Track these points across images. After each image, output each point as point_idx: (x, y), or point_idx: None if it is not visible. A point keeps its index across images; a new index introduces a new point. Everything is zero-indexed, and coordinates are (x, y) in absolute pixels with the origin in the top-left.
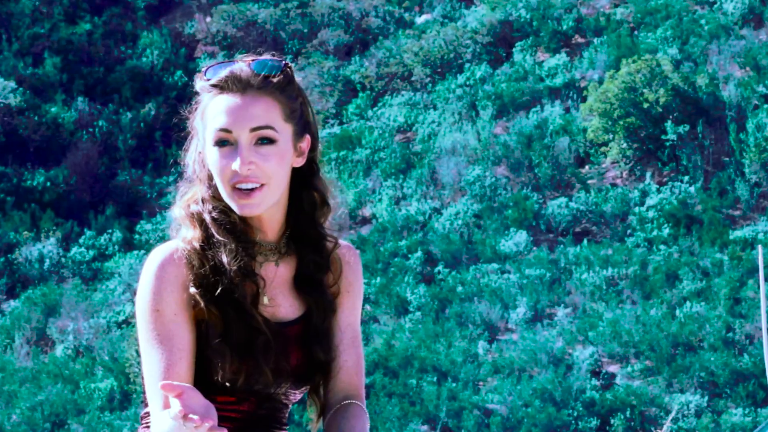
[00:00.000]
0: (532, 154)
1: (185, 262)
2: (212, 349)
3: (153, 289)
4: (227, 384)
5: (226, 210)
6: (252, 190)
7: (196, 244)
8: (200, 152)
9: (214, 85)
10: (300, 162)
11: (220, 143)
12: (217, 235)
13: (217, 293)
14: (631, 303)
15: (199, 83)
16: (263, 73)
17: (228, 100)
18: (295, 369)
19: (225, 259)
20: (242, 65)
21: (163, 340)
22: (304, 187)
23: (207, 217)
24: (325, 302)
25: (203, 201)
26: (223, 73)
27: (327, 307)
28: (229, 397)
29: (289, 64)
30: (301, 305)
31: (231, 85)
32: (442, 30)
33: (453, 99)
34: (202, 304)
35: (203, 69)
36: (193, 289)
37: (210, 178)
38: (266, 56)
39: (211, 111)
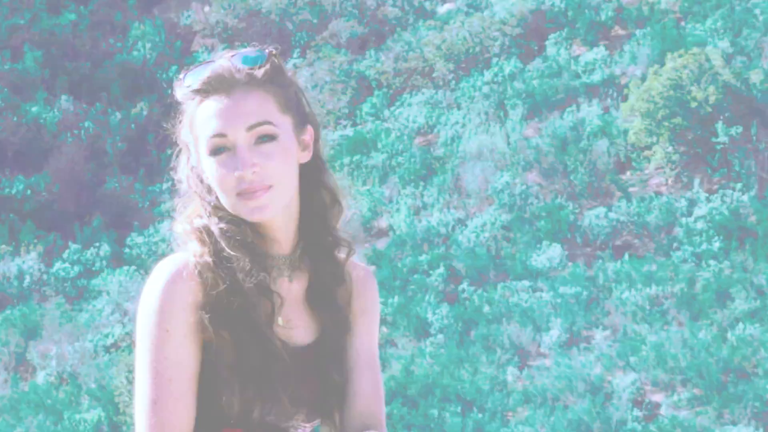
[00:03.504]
0: (567, 158)
1: (198, 279)
2: (222, 378)
3: (161, 305)
4: (237, 414)
5: (234, 220)
6: (258, 191)
7: (208, 259)
8: (194, 167)
9: (196, 91)
10: (306, 156)
11: (216, 151)
12: (228, 249)
13: (230, 315)
14: (678, 325)
15: (180, 91)
16: (247, 67)
17: (215, 103)
18: (310, 398)
19: (239, 276)
20: (222, 62)
21: (171, 366)
22: (312, 186)
23: (215, 230)
24: (341, 319)
25: (208, 214)
26: (204, 74)
27: (342, 324)
28: (237, 429)
29: (274, 52)
30: (316, 326)
31: (215, 85)
32: (466, 21)
33: (479, 97)
34: (211, 331)
35: (181, 76)
36: (203, 313)
37: (210, 190)
38: (248, 49)
39: (200, 119)
